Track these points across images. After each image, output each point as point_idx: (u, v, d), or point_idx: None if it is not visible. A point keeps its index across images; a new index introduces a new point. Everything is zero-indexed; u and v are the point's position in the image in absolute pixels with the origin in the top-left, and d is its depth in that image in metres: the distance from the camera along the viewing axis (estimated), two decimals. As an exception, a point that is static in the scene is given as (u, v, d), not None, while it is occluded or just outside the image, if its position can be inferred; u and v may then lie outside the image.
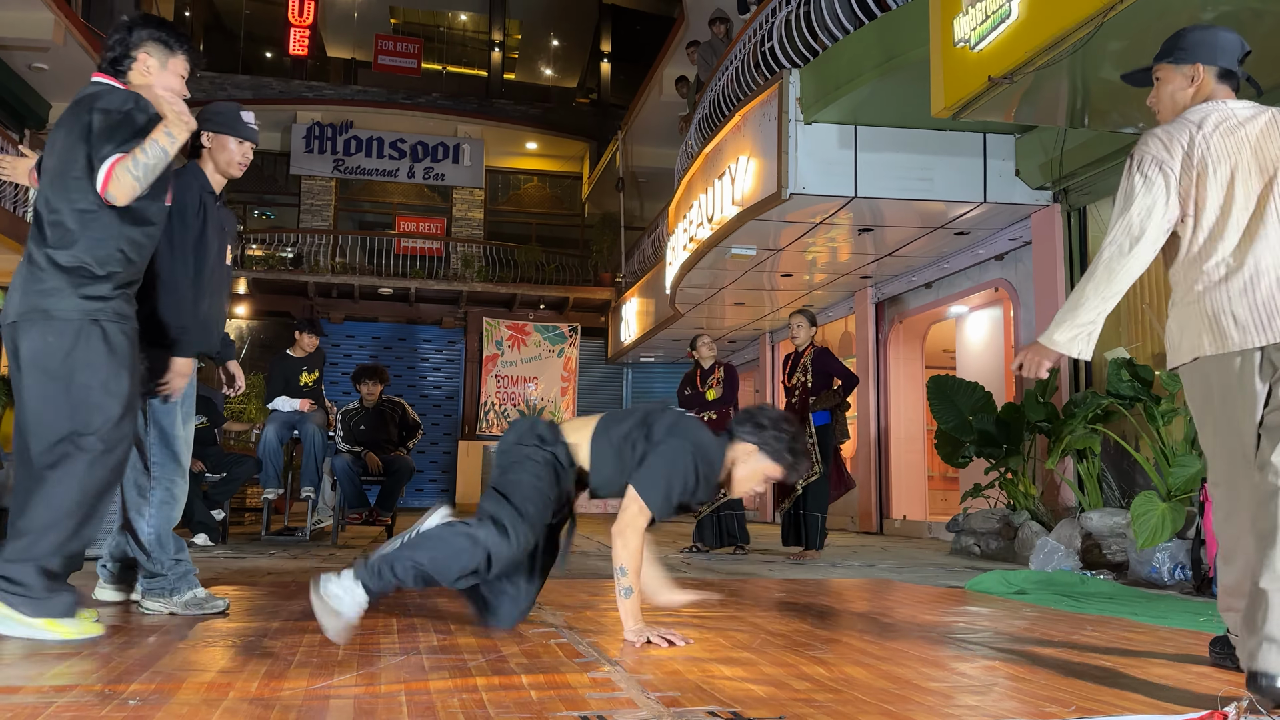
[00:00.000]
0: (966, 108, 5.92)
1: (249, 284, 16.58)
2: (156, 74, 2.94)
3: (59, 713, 1.88)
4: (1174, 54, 2.57)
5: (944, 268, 9.28)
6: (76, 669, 2.31)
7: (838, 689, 2.27)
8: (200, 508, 6.52)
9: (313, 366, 7.33)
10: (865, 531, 10.34)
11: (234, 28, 22.41)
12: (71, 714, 1.87)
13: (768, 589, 4.50)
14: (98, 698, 2.02)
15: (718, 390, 6.95)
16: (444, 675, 2.31)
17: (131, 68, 2.92)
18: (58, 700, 1.98)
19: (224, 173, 3.45)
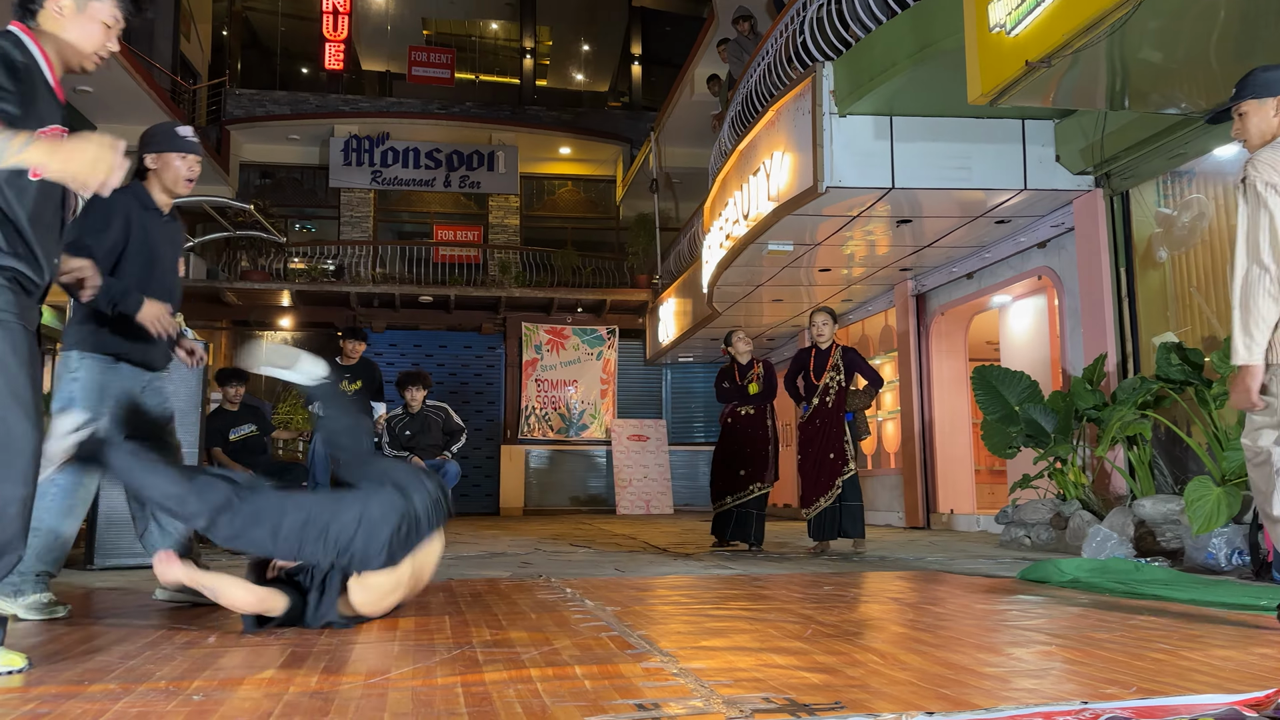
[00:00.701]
0: (1004, 94, 5.85)
1: (292, 296, 16.81)
2: (71, 18, 2.51)
3: (126, 709, 1.93)
4: (1256, 90, 3.04)
5: (985, 257, 9.18)
6: (140, 668, 2.36)
7: (893, 675, 2.26)
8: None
9: (356, 377, 7.44)
10: (912, 526, 10.24)
11: (270, 45, 22.76)
12: (137, 710, 1.92)
13: (815, 582, 4.48)
14: (162, 694, 2.06)
15: (759, 385, 6.93)
16: (498, 667, 2.34)
17: (43, 7, 2.48)
18: (125, 697, 2.03)
19: (171, 190, 3.50)
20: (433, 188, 19.15)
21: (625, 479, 16.21)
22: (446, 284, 17.17)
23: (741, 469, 6.73)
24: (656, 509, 16.00)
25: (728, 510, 6.74)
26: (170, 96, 15.62)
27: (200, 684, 2.16)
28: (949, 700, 2.01)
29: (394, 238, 19.18)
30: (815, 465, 6.40)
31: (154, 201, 3.49)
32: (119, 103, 14.15)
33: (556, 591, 4.08)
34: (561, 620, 3.16)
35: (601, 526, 11.08)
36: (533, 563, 5.83)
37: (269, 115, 18.66)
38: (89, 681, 2.19)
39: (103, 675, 2.26)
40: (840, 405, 6.42)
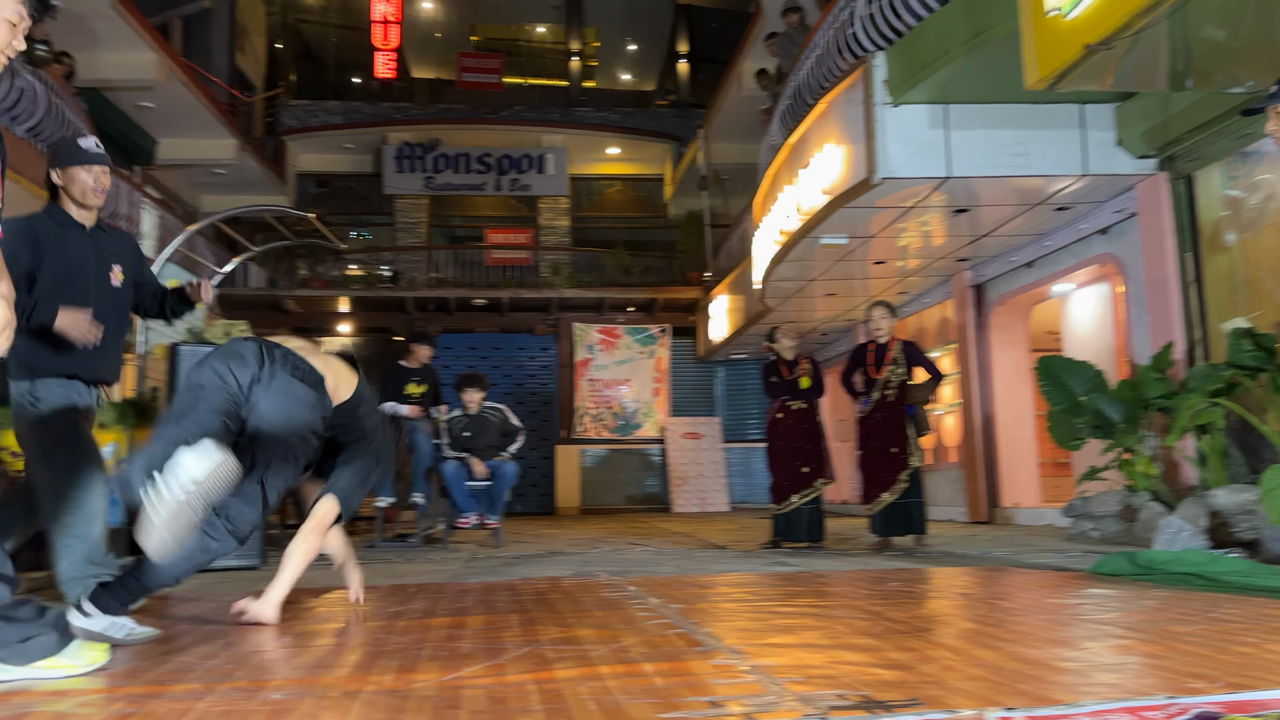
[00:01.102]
0: (1062, 78, 5.73)
1: (350, 302, 17.09)
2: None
3: (209, 709, 1.97)
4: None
5: (1045, 245, 9.00)
6: (219, 668, 2.41)
7: (968, 671, 2.22)
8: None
9: (422, 379, 7.58)
10: (975, 521, 10.09)
11: (323, 56, 23.15)
12: (221, 710, 1.96)
13: (881, 578, 4.43)
14: (243, 694, 2.10)
15: (810, 381, 6.84)
16: (569, 665, 2.34)
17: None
18: (207, 697, 2.07)
19: (82, 203, 3.47)
20: (483, 192, 19.33)
21: (680, 477, 16.20)
22: (499, 286, 17.33)
23: (804, 465, 6.67)
24: (712, 506, 15.96)
25: (796, 510, 6.68)
26: (228, 110, 15.96)
27: (279, 683, 2.20)
28: (1028, 696, 1.97)
29: (447, 242, 19.40)
30: (876, 460, 6.32)
31: (70, 218, 3.47)
32: (179, 118, 14.51)
33: (619, 589, 4.09)
34: (627, 618, 3.17)
35: (658, 525, 11.09)
36: (593, 561, 5.85)
37: (323, 125, 18.99)
38: (171, 681, 2.24)
39: (184, 675, 2.32)
40: (901, 399, 6.33)
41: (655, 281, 17.93)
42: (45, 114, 8.66)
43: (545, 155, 19.26)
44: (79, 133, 3.52)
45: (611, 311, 17.71)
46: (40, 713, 1.96)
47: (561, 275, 17.61)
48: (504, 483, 7.67)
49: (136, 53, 12.58)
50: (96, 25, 11.78)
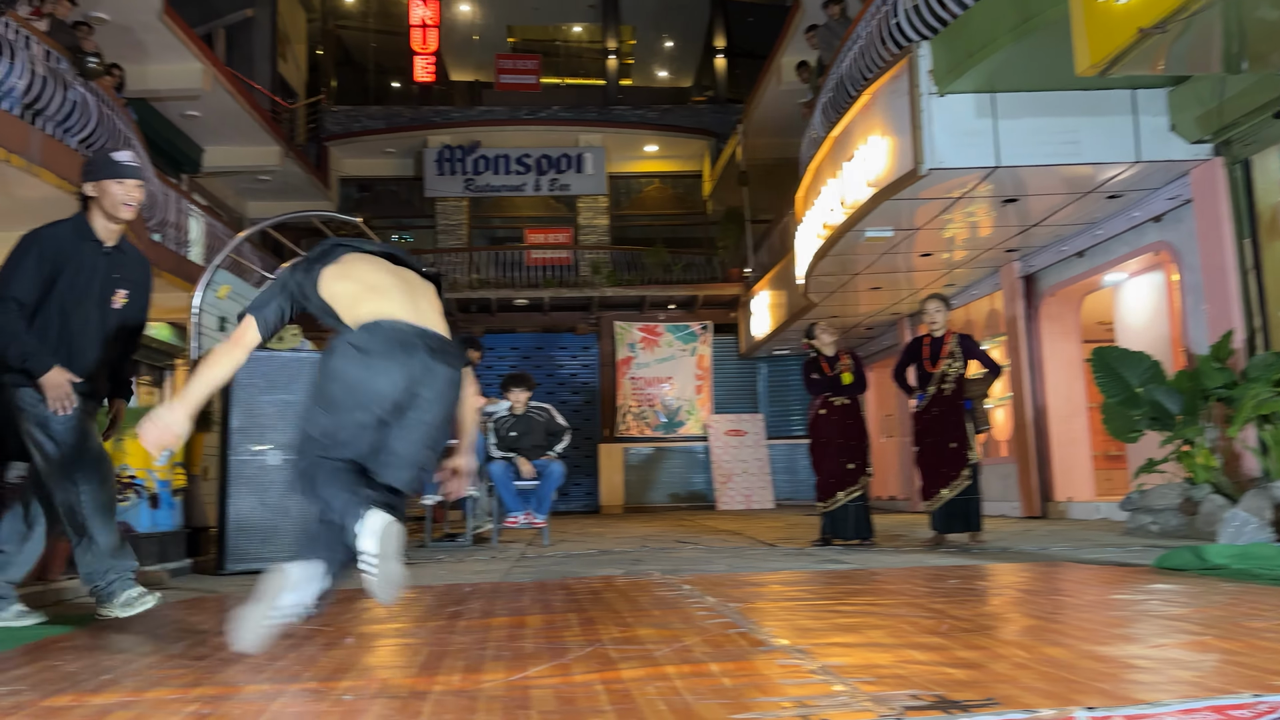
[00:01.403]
0: (1114, 63, 5.61)
1: (393, 305, 17.22)
2: None
3: (282, 709, 1.98)
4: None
5: (1097, 234, 8.84)
6: (289, 669, 2.43)
7: (1042, 670, 2.18)
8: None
9: None
10: (1028, 516, 9.94)
11: (363, 61, 23.38)
12: (294, 711, 1.97)
13: (939, 575, 4.37)
14: (313, 695, 2.12)
15: (852, 376, 6.77)
16: (634, 665, 2.33)
17: None
18: (279, 698, 2.09)
19: (112, 216, 3.47)
20: (523, 192, 19.42)
21: (724, 474, 16.15)
22: (540, 286, 17.39)
23: (850, 462, 6.60)
24: (757, 504, 15.89)
25: (843, 507, 6.61)
26: (271, 117, 16.18)
27: (348, 684, 2.22)
28: (1107, 695, 1.92)
29: (487, 243, 19.52)
30: (936, 456, 6.23)
31: (94, 233, 3.48)
32: (224, 125, 14.73)
33: (674, 588, 4.07)
34: (686, 617, 3.15)
35: (704, 523, 11.06)
36: (643, 560, 5.85)
37: (365, 130, 19.19)
38: (243, 682, 2.27)
39: (255, 676, 2.34)
40: (959, 394, 6.23)
41: (696, 279, 17.89)
42: (97, 125, 8.82)
43: (584, 154, 19.30)
44: (116, 147, 3.48)
45: (652, 309, 17.69)
46: (116, 716, 1.98)
47: (602, 274, 17.63)
48: (551, 482, 7.69)
49: (183, 63, 12.79)
50: (144, 37, 11.99)
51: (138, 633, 3.23)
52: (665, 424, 17.28)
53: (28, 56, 7.85)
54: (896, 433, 14.27)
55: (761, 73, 15.45)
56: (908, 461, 13.55)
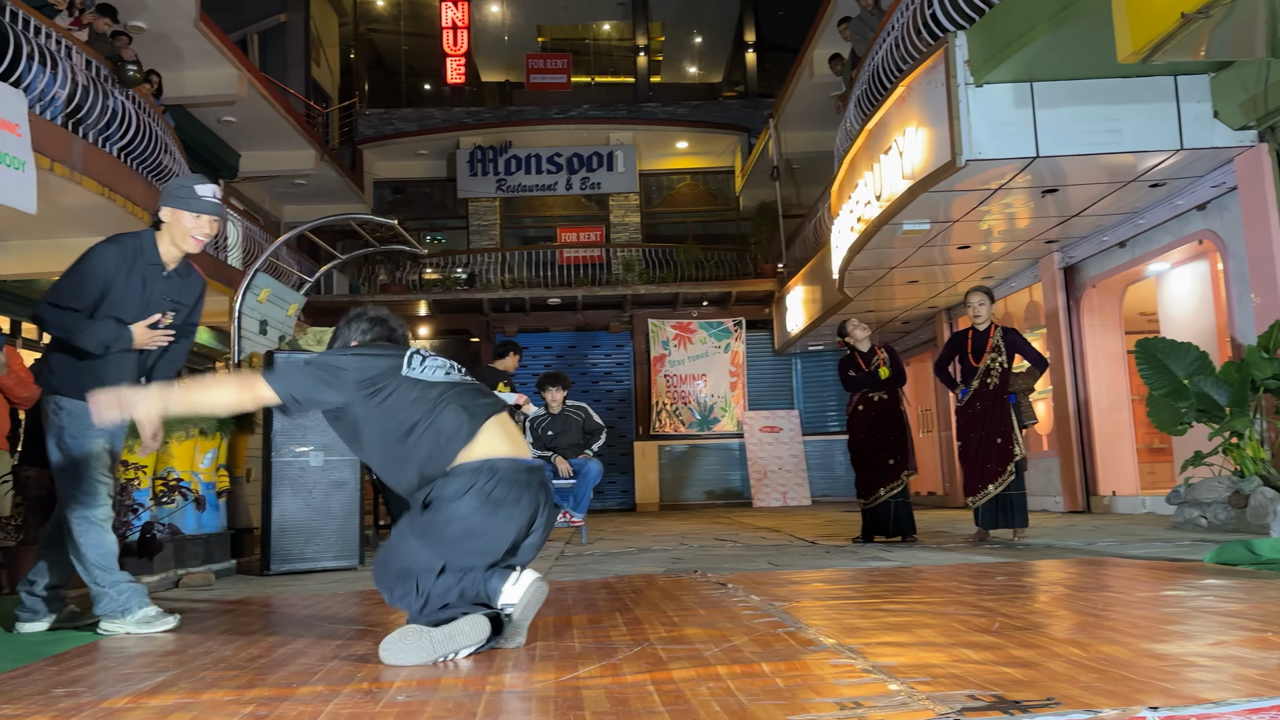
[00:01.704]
0: (1157, 50, 5.52)
1: (429, 305, 17.36)
2: None
3: (338, 710, 2.00)
4: None
5: (1139, 224, 8.70)
6: (340, 670, 2.45)
7: (1101, 669, 2.14)
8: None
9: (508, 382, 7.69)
10: (1071, 511, 9.81)
11: (395, 64, 23.54)
12: (349, 712, 1.98)
13: (986, 572, 4.32)
14: (367, 695, 2.13)
15: (889, 370, 6.70)
16: (684, 665, 2.32)
17: None
18: (334, 699, 2.10)
19: (179, 246, 3.46)
20: (555, 191, 19.46)
21: (760, 471, 16.09)
22: (573, 285, 17.42)
23: (890, 458, 6.53)
24: (794, 500, 15.82)
25: (884, 503, 6.55)
26: (305, 121, 16.33)
27: (401, 684, 2.23)
28: (1171, 694, 1.88)
29: (519, 243, 19.58)
30: (980, 451, 6.15)
31: (158, 255, 3.46)
32: (260, 131, 14.89)
33: (717, 587, 4.06)
34: (732, 616, 3.13)
35: (741, 520, 11.02)
36: (683, 558, 5.83)
37: (398, 133, 19.32)
38: (297, 684, 2.28)
39: (308, 678, 2.36)
40: (1003, 388, 6.15)
41: (728, 275, 17.83)
42: (136, 133, 8.95)
43: (614, 152, 19.31)
44: (200, 180, 3.49)
45: (685, 306, 17.66)
46: (175, 718, 2.01)
47: (634, 272, 17.63)
48: (589, 480, 7.69)
49: (218, 69, 12.94)
50: (181, 44, 12.15)
51: (188, 635, 3.26)
52: (699, 421, 17.24)
53: (69, 66, 7.98)
54: (935, 427, 14.14)
55: (793, 66, 15.36)
56: (947, 456, 13.43)
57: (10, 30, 7.16)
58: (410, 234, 10.34)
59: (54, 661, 2.77)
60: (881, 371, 6.66)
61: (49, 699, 2.22)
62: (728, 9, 21.89)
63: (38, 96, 7.46)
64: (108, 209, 8.27)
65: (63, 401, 3.42)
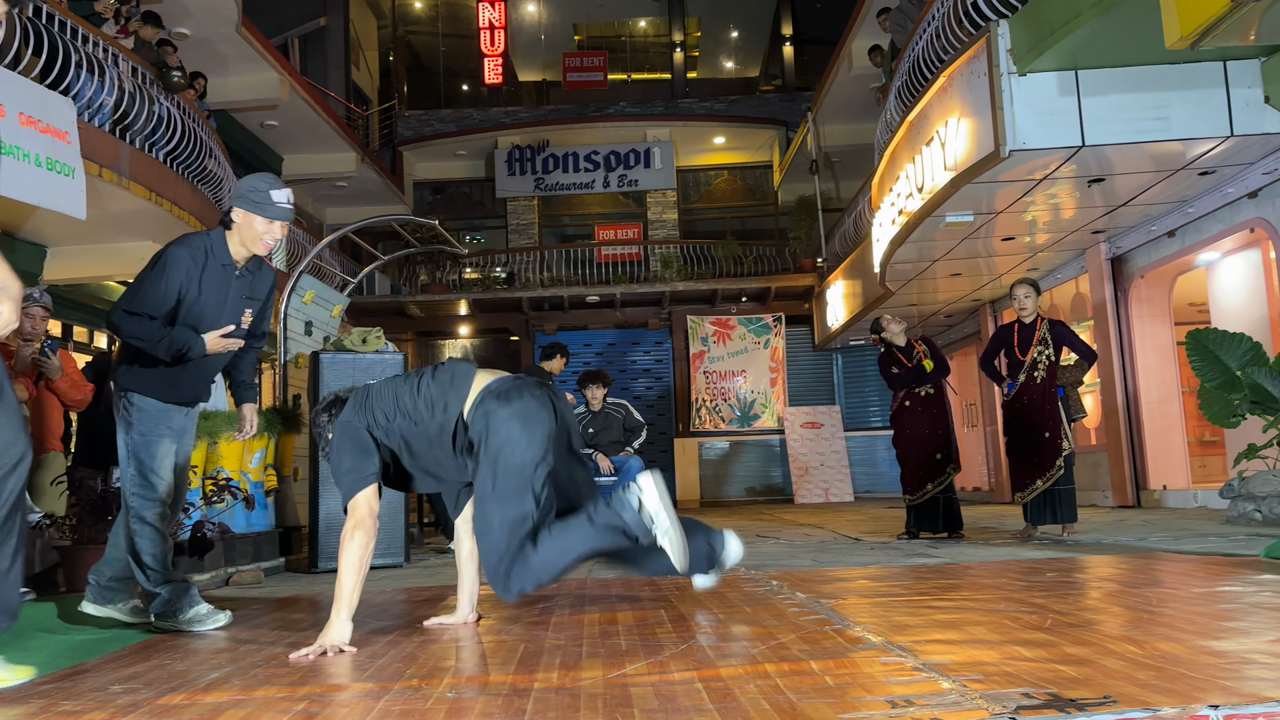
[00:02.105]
0: (1206, 35, 5.40)
1: (469, 305, 17.48)
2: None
3: (389, 707, 2.01)
4: None
5: (1188, 213, 8.52)
6: (390, 667, 2.47)
7: (1158, 666, 2.10)
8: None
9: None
10: (1121, 505, 9.64)
11: (433, 65, 23.71)
12: (400, 708, 2.00)
13: (1036, 569, 4.26)
14: (416, 692, 2.15)
15: (932, 362, 6.60)
16: (731, 662, 2.31)
17: None
18: (384, 696, 2.12)
19: (249, 247, 3.45)
20: (592, 189, 19.49)
21: (801, 467, 16.01)
22: (611, 283, 17.43)
23: (938, 452, 6.45)
24: (836, 497, 15.72)
25: (932, 498, 6.46)
26: (346, 123, 16.50)
27: (450, 681, 2.24)
28: (1231, 692, 1.84)
29: (557, 241, 19.64)
30: (1028, 445, 6.05)
31: (229, 254, 3.47)
32: (302, 134, 15.08)
33: (762, 584, 4.04)
34: (778, 613, 3.12)
35: (783, 516, 10.97)
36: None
37: (436, 134, 19.46)
38: (347, 681, 2.31)
39: (358, 674, 2.38)
40: (1051, 381, 6.04)
41: (767, 270, 17.74)
42: (181, 138, 9.10)
43: (651, 149, 19.29)
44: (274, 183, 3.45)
45: (724, 303, 17.61)
46: (228, 715, 2.04)
47: (672, 268, 17.60)
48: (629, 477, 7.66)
49: (260, 73, 13.12)
50: (224, 50, 12.33)
51: (240, 632, 3.31)
52: (739, 417, 17.18)
53: (116, 74, 8.13)
54: (981, 422, 13.97)
55: (831, 59, 15.24)
56: (992, 451, 13.27)
57: (59, 40, 7.31)
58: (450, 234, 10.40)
59: (112, 659, 2.82)
60: (925, 364, 6.57)
61: (107, 695, 2.26)
62: (764, 3, 21.77)
63: (86, 104, 7.60)
64: (154, 213, 8.41)
65: (134, 398, 3.49)
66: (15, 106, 6.46)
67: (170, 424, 3.54)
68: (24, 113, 6.52)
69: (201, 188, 9.63)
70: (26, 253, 8.58)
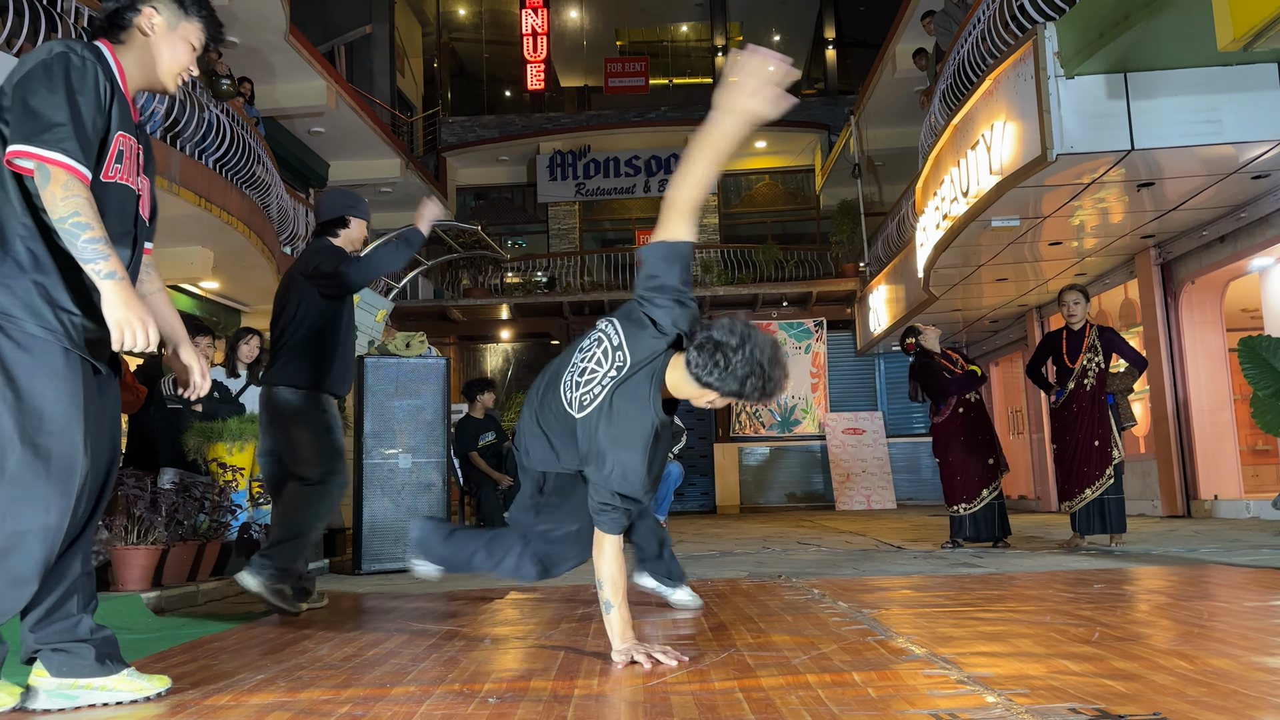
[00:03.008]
0: (1260, 36, 5.27)
1: (510, 309, 17.58)
2: (162, 36, 2.34)
3: (431, 711, 2.03)
4: None
5: (1241, 217, 8.33)
6: (431, 671, 2.49)
7: (1209, 682, 2.06)
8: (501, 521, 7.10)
9: None
10: (1170, 515, 9.45)
11: (477, 72, 23.92)
12: (442, 713, 2.01)
13: (1083, 580, 4.18)
14: (459, 697, 2.16)
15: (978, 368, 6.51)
16: (772, 672, 2.30)
17: (132, 24, 2.32)
18: (426, 700, 2.14)
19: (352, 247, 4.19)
20: (633, 194, 19.52)
21: (843, 474, 15.88)
22: (652, 288, 17.40)
23: (990, 457, 6.36)
24: (878, 504, 15.57)
25: (988, 505, 6.35)
26: (391, 130, 16.69)
27: (491, 686, 2.26)
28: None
29: (598, 246, 19.69)
30: (1077, 454, 5.94)
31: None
32: (348, 140, 15.27)
33: (803, 592, 4.01)
34: (819, 622, 3.10)
35: (824, 523, 10.89)
36: (765, 562, 5.79)
37: (479, 140, 19.61)
38: (390, 684, 2.33)
39: (400, 678, 2.40)
40: (1100, 389, 5.94)
41: (809, 275, 17.64)
42: (230, 145, 9.26)
43: (692, 154, 19.29)
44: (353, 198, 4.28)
45: (765, 307, 17.54)
46: (274, 716, 2.06)
47: (712, 273, 17.57)
48: (669, 483, 7.69)
49: (308, 81, 13.31)
50: (272, 58, 12.54)
51: (286, 634, 3.36)
52: (780, 423, 17.09)
53: (168, 83, 8.28)
54: (1027, 429, 13.77)
55: (875, 62, 15.13)
56: (1038, 459, 13.07)
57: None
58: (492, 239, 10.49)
59: (158, 658, 2.88)
60: (973, 370, 6.49)
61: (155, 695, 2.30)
62: (807, 6, 21.68)
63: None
64: (204, 219, 8.57)
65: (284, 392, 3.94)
66: (71, 115, 6.60)
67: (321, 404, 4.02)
68: (80, 121, 6.67)
69: (250, 193, 9.79)
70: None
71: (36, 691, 2.18)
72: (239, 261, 10.01)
